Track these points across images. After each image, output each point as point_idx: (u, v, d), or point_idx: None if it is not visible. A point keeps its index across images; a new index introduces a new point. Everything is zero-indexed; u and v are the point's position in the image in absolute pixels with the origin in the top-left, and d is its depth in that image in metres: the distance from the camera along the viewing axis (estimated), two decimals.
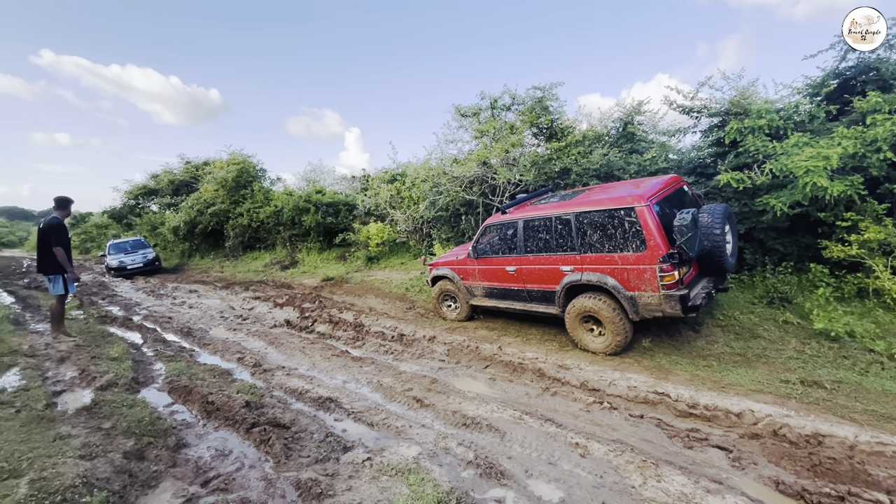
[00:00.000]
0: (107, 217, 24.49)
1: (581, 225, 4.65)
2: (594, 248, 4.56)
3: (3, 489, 2.37)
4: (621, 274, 4.39)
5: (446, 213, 9.75)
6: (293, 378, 4.59)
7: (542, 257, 5.04)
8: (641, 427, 3.40)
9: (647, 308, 4.31)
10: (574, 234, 4.71)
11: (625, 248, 4.33)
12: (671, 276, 4.10)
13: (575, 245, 4.71)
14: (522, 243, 5.23)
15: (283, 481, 2.74)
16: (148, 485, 2.70)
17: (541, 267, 5.07)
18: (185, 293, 10.35)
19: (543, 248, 5.03)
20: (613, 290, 4.45)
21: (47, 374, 4.41)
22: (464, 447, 3.11)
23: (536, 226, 5.10)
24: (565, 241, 4.81)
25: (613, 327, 4.54)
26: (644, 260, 4.21)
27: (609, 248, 4.45)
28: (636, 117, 7.86)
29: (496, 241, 5.66)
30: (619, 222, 4.35)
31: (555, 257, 4.92)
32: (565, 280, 4.83)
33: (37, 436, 3.03)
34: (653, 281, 4.18)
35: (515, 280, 5.38)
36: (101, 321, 7.36)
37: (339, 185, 17.07)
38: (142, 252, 14.91)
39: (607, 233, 4.45)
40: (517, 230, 5.31)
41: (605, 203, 4.49)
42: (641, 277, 4.25)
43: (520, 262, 5.28)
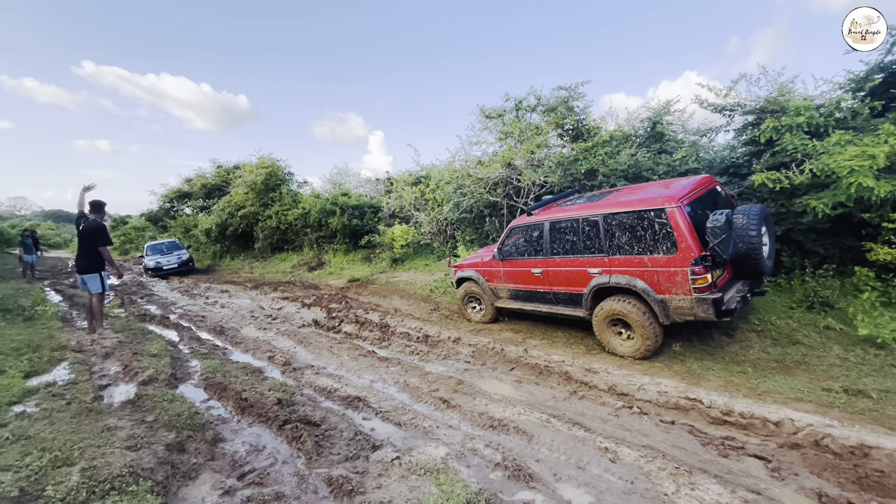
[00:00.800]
0: (144, 220, 25.61)
1: (609, 226, 4.59)
2: (623, 250, 4.49)
3: (59, 476, 2.52)
4: (651, 276, 4.30)
5: (470, 214, 9.77)
6: (322, 377, 4.69)
7: (569, 259, 4.99)
8: (673, 433, 3.33)
9: (679, 312, 4.21)
10: (602, 236, 4.65)
11: (655, 251, 4.25)
12: (703, 278, 3.99)
13: (603, 247, 4.65)
14: (548, 245, 5.20)
15: (314, 477, 2.81)
16: (188, 476, 2.82)
17: (567, 269, 5.02)
18: (217, 293, 10.71)
19: (570, 250, 4.98)
20: (643, 292, 4.36)
21: (94, 369, 4.65)
22: (491, 449, 3.11)
23: (563, 227, 5.06)
24: (593, 242, 4.75)
25: (643, 331, 4.45)
26: (675, 262, 4.12)
27: (638, 250, 4.37)
28: (665, 117, 7.69)
29: (521, 242, 5.63)
30: (649, 224, 4.26)
31: (582, 259, 4.86)
32: (593, 282, 4.76)
33: (86, 427, 3.20)
34: (684, 284, 4.08)
35: (541, 282, 5.34)
36: (140, 319, 7.70)
37: (364, 188, 17.34)
38: (176, 253, 15.53)
39: (636, 234, 4.38)
40: (543, 232, 5.27)
41: (635, 204, 4.42)
42: (672, 280, 4.16)
43: (546, 265, 5.24)
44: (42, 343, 5.33)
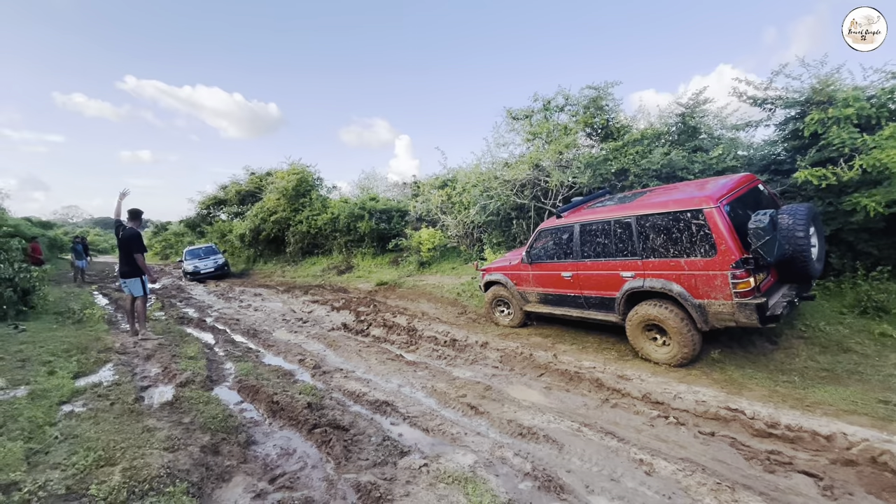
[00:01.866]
0: (183, 226, 26.76)
1: (643, 228, 4.43)
2: (658, 252, 4.33)
3: (101, 475, 2.63)
4: (688, 280, 4.12)
5: (497, 217, 9.69)
6: (351, 381, 4.73)
7: (601, 262, 4.85)
8: (713, 446, 3.16)
9: (719, 317, 4.01)
10: (635, 238, 4.50)
11: (692, 253, 4.07)
12: (746, 282, 3.78)
13: (636, 249, 4.50)
14: (579, 248, 5.08)
15: (343, 483, 2.82)
16: (222, 478, 2.89)
17: (599, 273, 4.88)
18: (251, 297, 11.04)
19: (602, 252, 4.84)
20: (679, 297, 4.19)
21: (136, 371, 4.86)
22: (520, 458, 3.05)
23: (594, 230, 4.93)
24: (625, 245, 4.60)
25: (680, 337, 4.26)
26: (714, 265, 3.93)
27: (674, 253, 4.20)
28: (699, 109, 7.39)
29: (551, 245, 5.52)
30: (686, 225, 4.09)
31: (614, 262, 4.71)
32: (626, 286, 4.61)
33: (128, 427, 3.34)
34: (724, 288, 3.89)
35: (571, 286, 5.22)
36: (179, 322, 8.02)
37: (392, 192, 17.53)
38: (213, 258, 16.14)
39: (672, 236, 4.20)
40: (573, 234, 5.15)
41: (670, 205, 4.25)
42: (711, 284, 3.97)
43: (576, 268, 5.12)
44: (89, 345, 5.62)
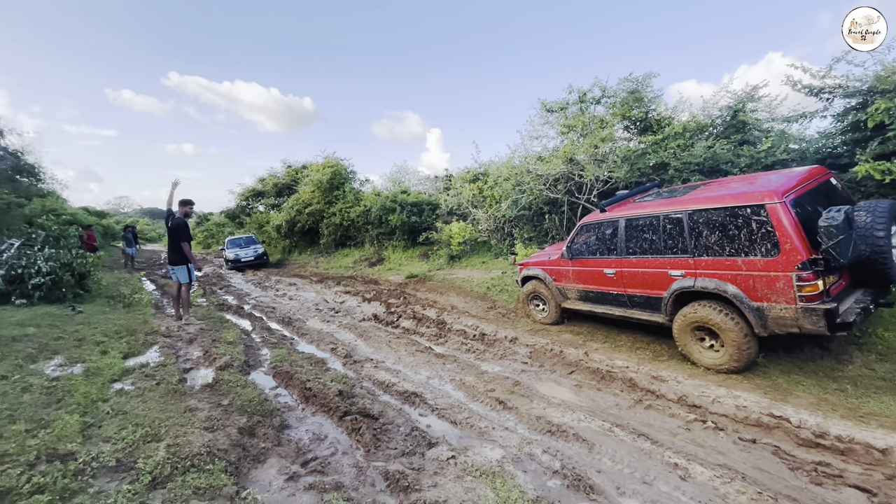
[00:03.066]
0: (224, 216, 27.88)
1: (695, 224, 4.17)
2: (711, 250, 4.06)
3: (148, 450, 2.79)
4: (746, 281, 3.84)
5: (529, 211, 9.56)
6: (380, 371, 4.81)
7: (647, 260, 4.61)
8: (754, 453, 3.01)
9: (779, 322, 3.71)
10: (686, 235, 4.23)
11: (751, 252, 3.78)
12: (813, 285, 3.48)
13: (687, 247, 4.24)
14: (624, 244, 4.86)
15: (372, 470, 2.87)
16: (257, 459, 3.00)
17: (645, 270, 4.65)
18: (286, 286, 11.38)
19: (648, 249, 4.60)
20: (735, 299, 3.91)
21: (179, 353, 5.11)
22: (549, 455, 3.01)
23: (641, 225, 4.68)
24: (675, 242, 4.34)
25: (733, 342, 3.98)
26: (776, 266, 3.64)
27: (730, 252, 3.92)
28: (749, 104, 6.99)
29: (593, 240, 5.31)
30: (745, 222, 3.79)
31: (662, 260, 4.47)
32: (674, 286, 4.36)
33: (172, 406, 3.52)
34: (787, 291, 3.60)
35: (615, 283, 5.01)
36: (219, 308, 8.38)
37: (423, 186, 17.60)
38: (253, 247, 16.79)
39: (729, 234, 3.93)
40: (618, 229, 4.93)
41: (727, 200, 3.96)
42: (772, 286, 3.68)
43: (620, 265, 4.91)
44: (138, 328, 5.96)
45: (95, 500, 2.26)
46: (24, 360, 4.29)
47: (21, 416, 3.12)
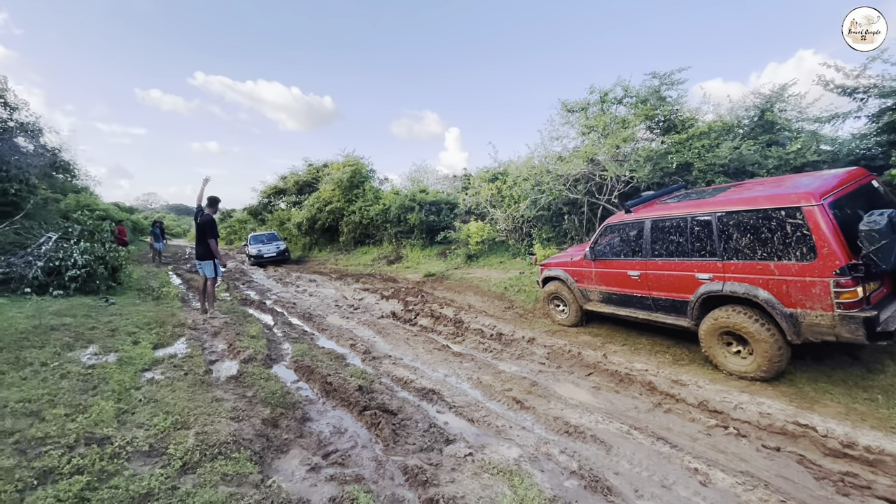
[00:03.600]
0: (246, 213, 28.51)
1: (725, 227, 4.04)
2: (742, 254, 3.93)
3: (178, 437, 2.91)
4: (778, 286, 3.71)
5: (548, 212, 9.51)
6: (399, 367, 4.87)
7: (674, 262, 4.50)
8: (778, 461, 2.96)
9: (814, 330, 3.58)
10: (715, 238, 4.12)
11: (785, 256, 3.65)
12: (852, 292, 3.34)
13: (716, 250, 4.12)
14: (649, 246, 4.75)
15: (391, 464, 2.93)
16: (281, 450, 3.09)
17: (671, 273, 4.54)
18: (306, 282, 11.60)
19: (675, 251, 4.49)
20: (766, 304, 3.77)
21: (205, 345, 5.28)
22: (566, 456, 3.02)
23: (667, 226, 4.58)
24: (703, 244, 4.23)
25: (764, 349, 3.85)
26: (812, 271, 3.50)
27: (762, 255, 3.79)
28: (778, 104, 6.81)
29: (617, 242, 5.21)
30: (779, 224, 3.66)
31: (689, 263, 4.35)
32: (702, 289, 4.24)
33: (199, 396, 3.65)
34: (824, 297, 3.46)
35: (639, 286, 4.90)
36: (242, 303, 8.60)
37: (442, 185, 17.65)
38: (275, 244, 17.11)
39: (761, 236, 3.80)
40: (643, 231, 4.83)
41: (760, 201, 3.83)
42: (807, 292, 3.55)
43: (645, 267, 4.80)
44: (166, 320, 6.18)
45: (130, 483, 2.38)
46: (62, 349, 4.51)
47: (60, 401, 3.30)
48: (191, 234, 40.50)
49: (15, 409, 3.08)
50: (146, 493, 2.32)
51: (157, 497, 2.30)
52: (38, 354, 4.25)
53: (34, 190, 10.24)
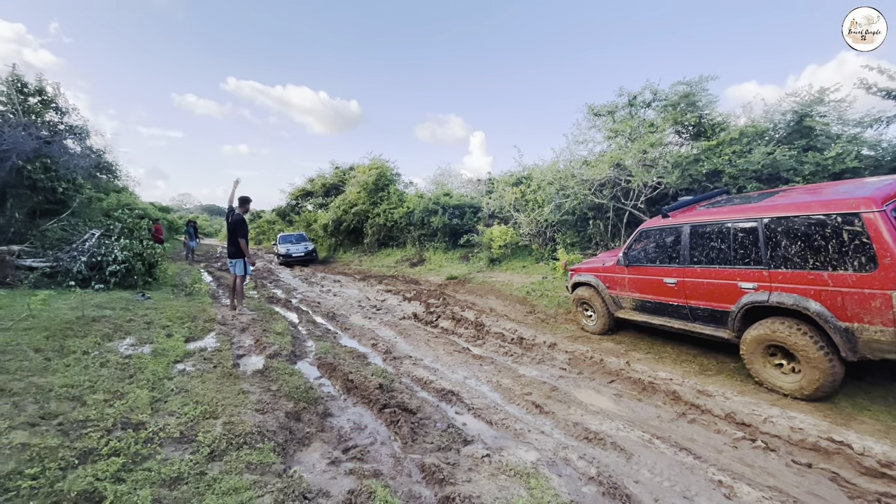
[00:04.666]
0: (275, 214, 29.28)
1: (772, 233, 3.80)
2: (791, 262, 3.69)
3: (207, 426, 3.04)
4: (833, 298, 3.44)
5: (572, 216, 9.42)
6: (419, 368, 4.92)
7: (714, 270, 4.27)
8: (809, 478, 2.85)
9: (873, 347, 3.32)
10: (761, 245, 3.88)
11: (840, 266, 3.40)
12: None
13: (761, 258, 3.88)
14: (688, 252, 4.54)
15: (409, 462, 2.97)
16: (302, 443, 3.18)
17: (711, 281, 4.31)
18: (331, 282, 11.83)
19: (716, 259, 4.27)
20: (818, 317, 3.50)
21: (233, 340, 5.47)
22: (585, 461, 2.99)
23: (708, 232, 4.36)
24: (748, 252, 3.99)
25: (814, 366, 3.58)
26: (872, 282, 3.25)
27: (814, 265, 3.54)
28: (817, 108, 6.55)
29: (653, 248, 5.02)
30: (835, 232, 3.42)
31: (731, 271, 4.12)
32: (745, 299, 3.99)
33: (227, 388, 3.79)
34: (885, 311, 3.20)
35: (675, 294, 4.68)
36: (268, 301, 8.85)
37: (465, 189, 17.71)
38: (303, 244, 17.51)
39: (813, 245, 3.55)
40: (682, 237, 4.62)
41: (814, 207, 3.59)
42: (866, 305, 3.29)
43: (683, 274, 4.58)
44: (197, 315, 6.43)
45: (162, 466, 2.50)
46: (102, 339, 4.76)
47: (100, 387, 3.49)
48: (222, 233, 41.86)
49: (59, 394, 3.28)
50: (176, 476, 2.44)
51: (186, 481, 2.41)
52: (81, 343, 4.50)
53: (80, 189, 10.84)
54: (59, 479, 2.29)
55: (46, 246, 8.77)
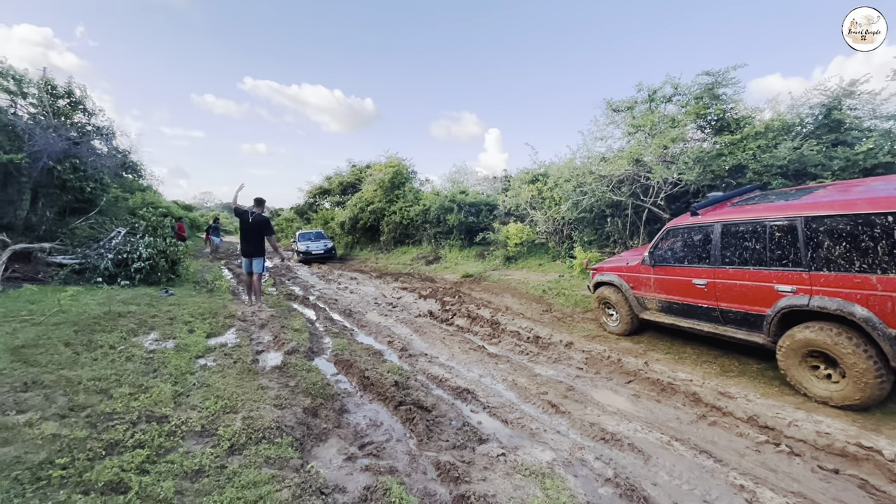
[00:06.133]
0: (293, 212, 29.72)
1: (814, 233, 3.57)
2: (835, 264, 3.47)
3: (227, 420, 3.10)
4: (881, 304, 3.22)
5: (590, 214, 9.30)
6: (434, 366, 4.93)
7: (748, 271, 4.07)
8: (835, 484, 2.76)
9: None
10: (801, 245, 3.65)
11: (891, 269, 3.18)
12: None
13: (801, 259, 3.65)
14: (719, 252, 4.34)
15: (424, 459, 2.99)
16: (320, 438, 3.22)
17: (744, 283, 4.10)
18: (348, 280, 11.95)
19: (750, 259, 4.06)
20: (865, 323, 3.29)
21: (252, 336, 5.57)
22: (602, 462, 2.95)
23: (741, 231, 4.15)
24: (785, 252, 3.77)
25: (860, 375, 3.38)
26: None
27: (861, 267, 3.32)
28: (846, 101, 6.31)
29: (681, 247, 4.83)
30: (885, 232, 3.20)
31: (767, 272, 3.91)
32: (782, 303, 3.78)
33: (246, 383, 3.87)
34: None
35: (705, 296, 4.49)
36: (287, 298, 8.99)
37: (481, 186, 17.65)
38: (323, 241, 17.71)
39: (860, 245, 3.33)
40: (713, 236, 4.42)
41: (861, 205, 3.36)
42: None
43: (714, 275, 4.38)
44: (218, 311, 6.57)
45: (184, 459, 2.57)
46: (128, 334, 4.91)
47: (125, 381, 3.60)
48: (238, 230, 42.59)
49: (87, 387, 3.40)
50: (198, 469, 2.50)
51: (207, 474, 2.47)
52: (108, 338, 4.65)
53: (107, 188, 11.18)
54: (88, 469, 2.38)
55: (75, 243, 9.09)
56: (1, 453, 2.42)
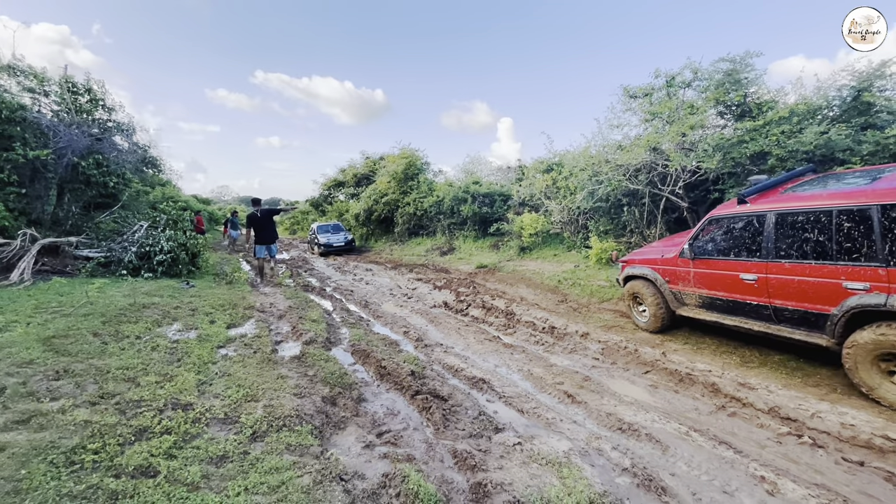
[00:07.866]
0: (308, 205, 30.00)
1: (893, 223, 3.17)
2: None
3: (248, 409, 3.19)
4: None
5: (606, 203, 9.16)
6: (450, 356, 4.97)
7: (809, 266, 3.68)
8: (860, 477, 2.70)
9: None
10: (877, 237, 3.24)
11: None
12: None
13: (876, 253, 3.26)
14: (772, 244, 3.94)
15: (441, 447, 3.02)
16: (338, 426, 3.29)
17: (804, 279, 3.72)
18: (363, 271, 12.05)
19: (811, 252, 3.66)
20: None
21: (271, 327, 5.68)
22: (619, 452, 2.95)
23: (800, 221, 3.74)
24: (857, 245, 3.37)
25: None
26: None
27: None
28: (877, 82, 6.06)
29: (725, 238, 4.46)
30: None
31: (833, 268, 3.52)
32: (851, 301, 3.41)
33: (266, 373, 3.96)
34: None
35: (755, 292, 4.13)
36: (304, 289, 9.13)
37: (495, 176, 17.53)
38: (342, 234, 17.74)
39: None
40: (765, 226, 4.02)
41: None
42: None
43: (766, 270, 4.00)
44: (238, 302, 6.71)
45: (209, 445, 2.65)
46: (152, 325, 5.06)
47: (152, 369, 3.72)
48: None
49: (116, 375, 3.53)
50: (222, 455, 2.58)
51: (231, 459, 2.55)
52: (133, 329, 4.80)
53: (129, 183, 11.46)
54: (118, 454, 2.48)
55: (100, 237, 9.37)
56: (37, 438, 2.54)
